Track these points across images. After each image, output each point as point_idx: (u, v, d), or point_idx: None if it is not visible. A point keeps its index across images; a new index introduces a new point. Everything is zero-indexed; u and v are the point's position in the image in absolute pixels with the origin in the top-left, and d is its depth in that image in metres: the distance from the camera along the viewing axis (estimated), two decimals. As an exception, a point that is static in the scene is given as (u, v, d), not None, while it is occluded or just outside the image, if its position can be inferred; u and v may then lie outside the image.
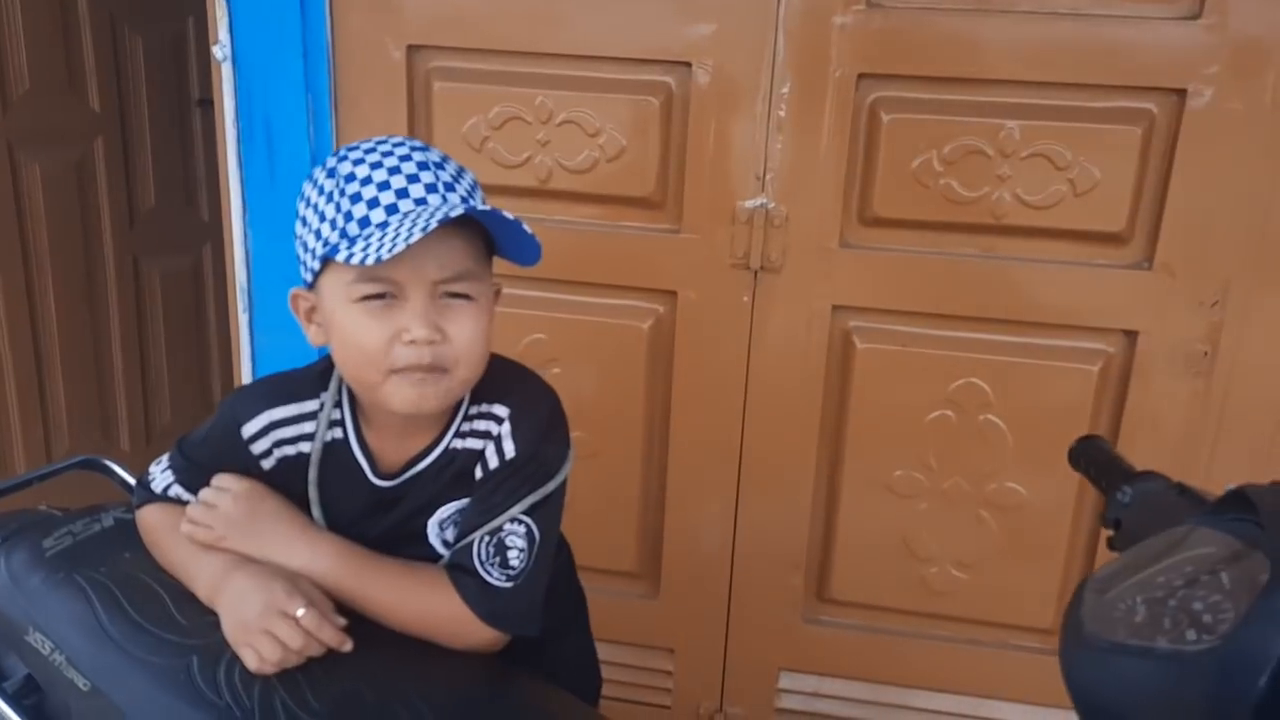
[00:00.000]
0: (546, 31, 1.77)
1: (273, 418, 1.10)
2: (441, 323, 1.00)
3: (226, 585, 1.04)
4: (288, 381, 1.13)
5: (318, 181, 1.04)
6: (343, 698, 0.97)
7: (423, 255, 0.97)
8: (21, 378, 2.66)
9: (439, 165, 1.03)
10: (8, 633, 1.14)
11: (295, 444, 1.11)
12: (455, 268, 1.00)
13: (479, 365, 1.05)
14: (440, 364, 1.01)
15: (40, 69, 2.60)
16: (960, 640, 1.96)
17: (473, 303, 1.03)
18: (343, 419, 1.11)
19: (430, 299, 1.00)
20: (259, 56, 1.86)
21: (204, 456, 1.15)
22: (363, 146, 1.03)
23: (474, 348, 1.03)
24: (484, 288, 1.05)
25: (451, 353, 1.01)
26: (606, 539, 2.01)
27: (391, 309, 1.00)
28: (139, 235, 2.97)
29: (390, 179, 1.00)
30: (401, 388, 1.01)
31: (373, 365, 1.01)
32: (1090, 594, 0.69)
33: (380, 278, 0.98)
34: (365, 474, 1.11)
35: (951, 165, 1.71)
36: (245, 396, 1.13)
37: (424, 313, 0.99)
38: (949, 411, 1.84)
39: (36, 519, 1.27)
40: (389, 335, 1.00)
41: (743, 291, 1.82)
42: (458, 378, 1.03)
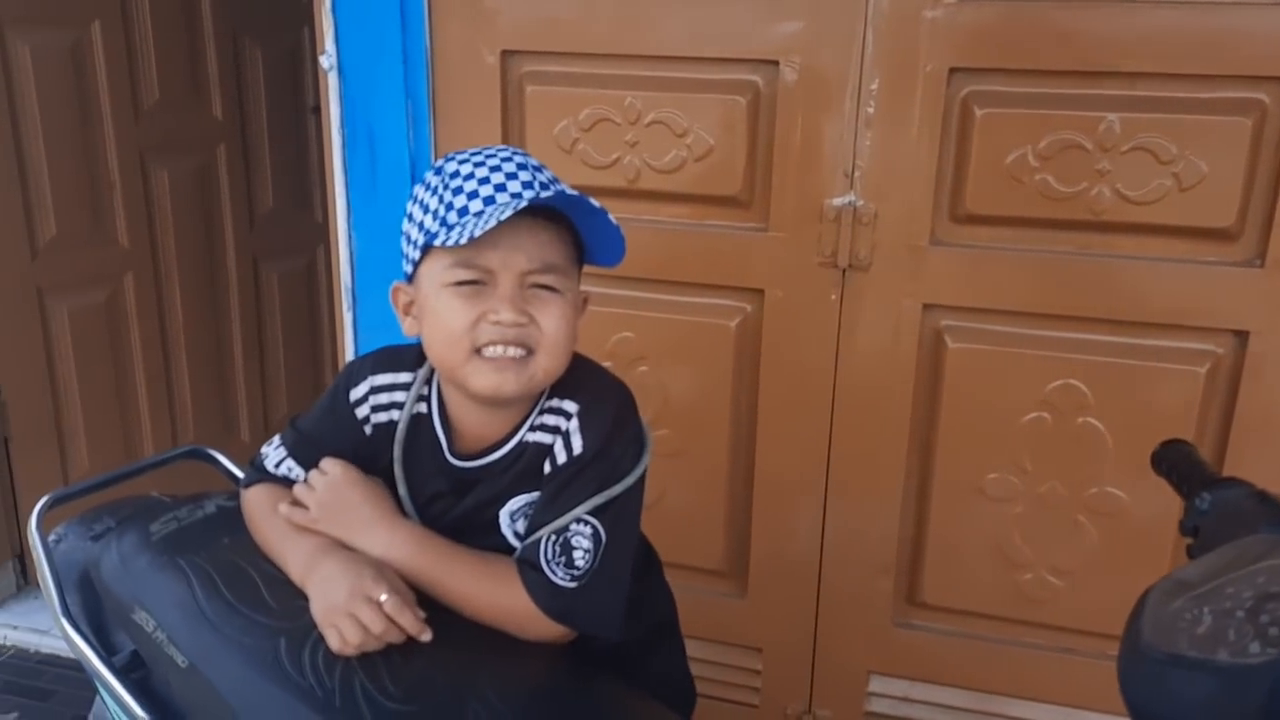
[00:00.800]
0: (635, 33, 1.79)
1: (374, 383, 1.18)
2: (529, 309, 1.05)
3: (317, 568, 1.09)
4: (394, 352, 1.20)
5: (427, 181, 1.10)
6: (418, 684, 1.01)
7: (513, 246, 1.03)
8: (150, 372, 2.82)
9: (538, 168, 1.08)
10: (117, 611, 1.21)
11: (388, 411, 1.17)
12: (545, 260, 1.05)
13: (561, 357, 1.08)
14: (526, 343, 1.05)
15: (168, 80, 2.75)
16: (1055, 649, 1.90)
17: (560, 296, 1.07)
18: (429, 395, 1.16)
19: (519, 287, 1.05)
20: (363, 65, 1.93)
21: (315, 427, 1.21)
22: (470, 151, 1.09)
23: (558, 335, 1.07)
24: (571, 286, 1.09)
25: (537, 335, 1.05)
26: (693, 537, 2.02)
27: (481, 294, 1.05)
28: (258, 237, 3.11)
29: (491, 175, 1.05)
30: (483, 370, 1.06)
31: (458, 345, 1.06)
32: (1153, 603, 0.68)
33: (473, 265, 1.04)
34: (443, 451, 1.15)
35: (1048, 160, 1.67)
36: (356, 362, 1.21)
37: (511, 298, 1.04)
38: (1045, 414, 1.79)
39: (147, 505, 1.35)
40: (476, 316, 1.05)
41: (830, 290, 1.81)
42: (540, 364, 1.07)
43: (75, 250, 2.60)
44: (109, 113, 2.61)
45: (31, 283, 2.52)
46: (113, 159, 2.64)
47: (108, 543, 1.25)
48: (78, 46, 2.53)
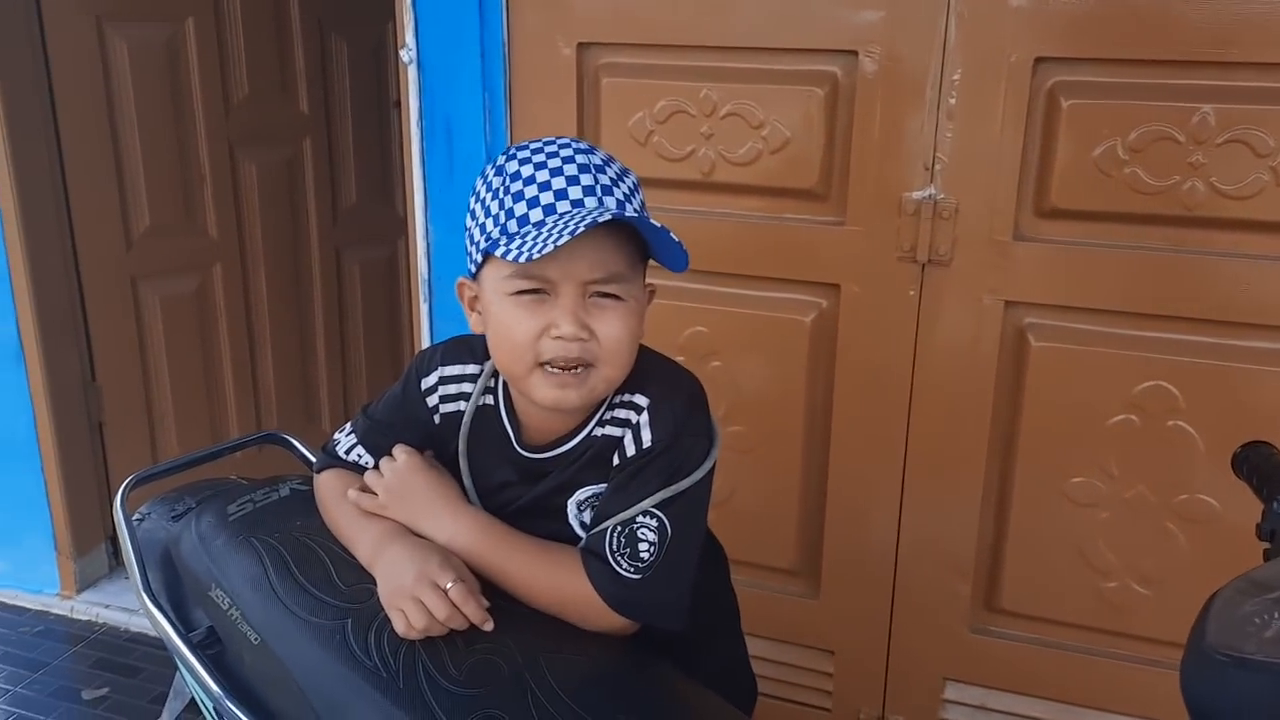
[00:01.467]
0: (712, 24, 1.78)
1: (444, 373, 1.18)
2: (590, 321, 1.03)
3: (385, 552, 1.11)
4: (464, 343, 1.20)
5: (487, 178, 1.09)
6: (479, 669, 1.01)
7: (575, 255, 1.01)
8: (236, 359, 2.91)
9: (600, 168, 1.05)
10: (195, 588, 1.25)
11: (456, 401, 1.18)
12: (606, 270, 1.03)
13: (624, 366, 1.07)
14: (586, 359, 1.04)
15: (257, 75, 2.83)
16: (1141, 660, 1.83)
17: (622, 304, 1.05)
18: (495, 387, 1.17)
19: (580, 298, 1.03)
20: (441, 59, 1.96)
21: (386, 415, 1.22)
22: (531, 146, 1.07)
23: (620, 347, 1.05)
24: (634, 290, 1.07)
25: (597, 350, 1.04)
26: (765, 535, 2.00)
27: (543, 304, 1.04)
28: (341, 229, 3.18)
29: (551, 180, 1.03)
30: (545, 383, 1.05)
31: (521, 357, 1.05)
32: (1222, 604, 0.65)
33: (534, 275, 1.02)
34: (511, 442, 1.16)
35: (1138, 153, 1.61)
36: (424, 354, 1.22)
37: (573, 310, 1.03)
38: (1133, 416, 1.72)
39: (225, 487, 1.39)
40: (539, 329, 1.03)
41: (909, 285, 1.77)
42: (602, 376, 1.06)
43: (167, 240, 2.69)
44: (200, 107, 2.69)
45: (126, 272, 2.61)
46: (204, 152, 2.72)
47: (187, 522, 1.29)
48: (172, 42, 2.61)
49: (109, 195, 2.54)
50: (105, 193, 2.53)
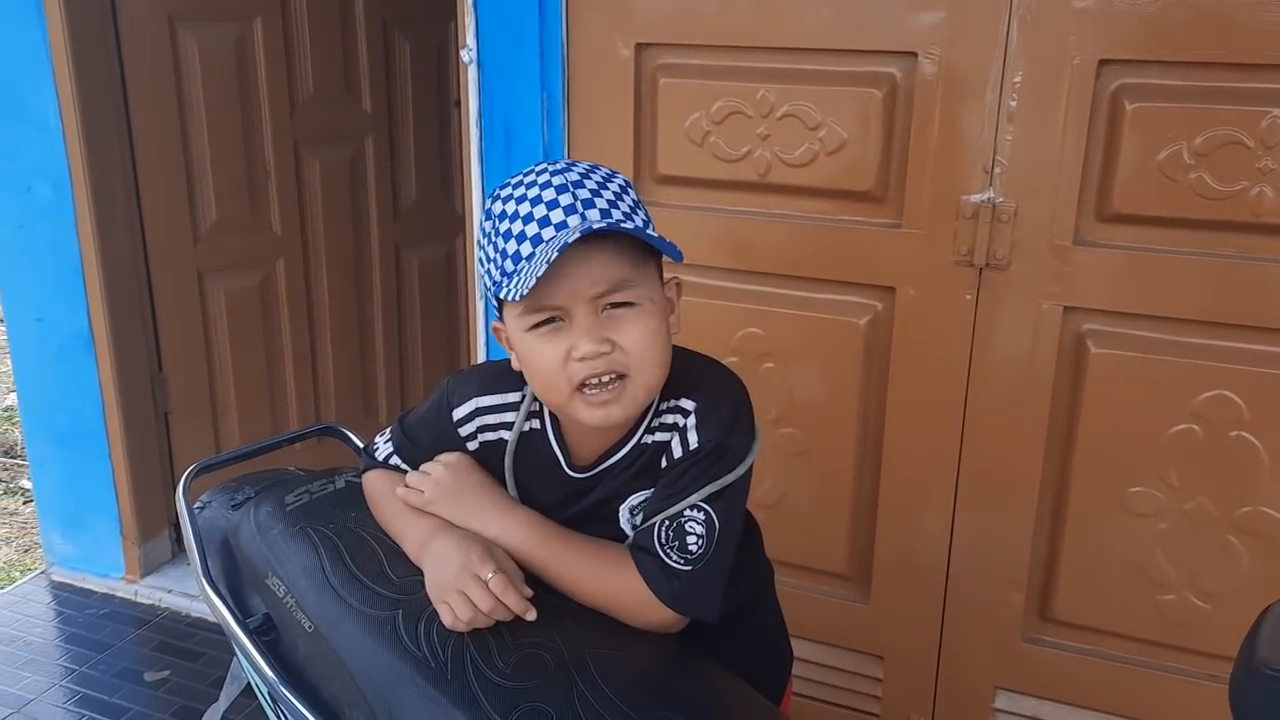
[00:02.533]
0: (770, 25, 1.78)
1: (479, 404, 1.19)
2: (609, 334, 1.03)
3: (431, 546, 1.13)
4: (498, 371, 1.19)
5: (483, 225, 1.10)
6: (526, 663, 1.02)
7: (576, 274, 1.01)
8: (297, 352, 2.96)
9: (577, 184, 1.05)
10: (252, 575, 1.28)
11: (496, 431, 1.19)
12: (610, 280, 1.03)
13: (658, 368, 1.07)
14: (616, 370, 1.04)
15: (322, 75, 2.88)
16: (1200, 676, 1.79)
17: (637, 308, 1.05)
18: (540, 411, 1.17)
19: (594, 314, 1.03)
20: (501, 59, 1.98)
21: (419, 434, 1.25)
22: (512, 181, 1.08)
23: (647, 352, 1.05)
24: (648, 291, 1.06)
25: (624, 358, 1.04)
26: (816, 538, 1.99)
27: (561, 331, 1.04)
28: (401, 226, 3.23)
29: (533, 210, 1.04)
30: (587, 406, 1.06)
31: (556, 387, 1.06)
32: (1272, 621, 0.64)
33: (542, 306, 1.03)
34: (561, 465, 1.17)
35: (1204, 157, 1.57)
36: (459, 381, 1.22)
37: (588, 329, 1.03)
38: (1195, 426, 1.69)
39: (283, 477, 1.42)
40: (562, 355, 1.04)
41: (965, 289, 1.75)
42: (638, 383, 1.06)
43: (233, 236, 2.75)
44: (267, 105, 2.75)
45: (193, 266, 2.68)
46: (269, 149, 2.78)
47: (246, 511, 1.32)
48: (241, 42, 2.67)
49: (178, 191, 2.61)
50: (175, 189, 2.60)
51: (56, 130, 2.39)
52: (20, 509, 3.38)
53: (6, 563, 3.04)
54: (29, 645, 2.49)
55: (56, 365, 2.60)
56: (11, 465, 3.67)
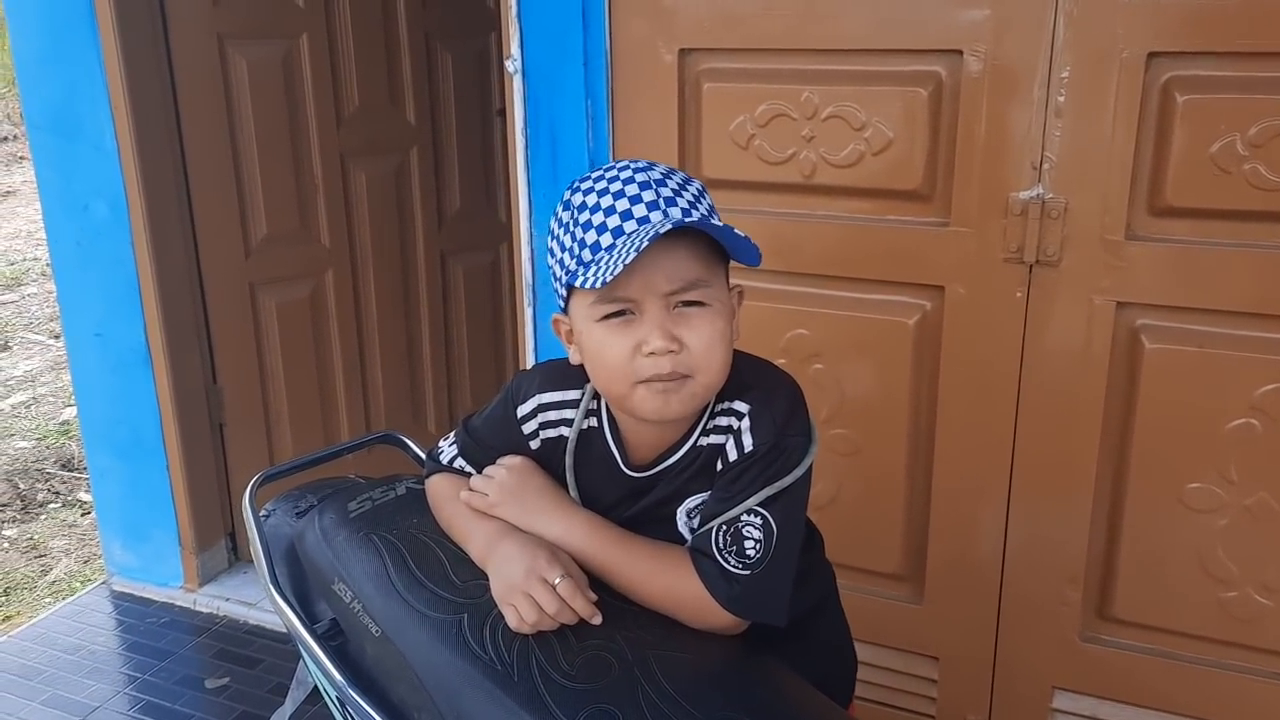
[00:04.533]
0: (814, 27, 1.78)
1: (542, 401, 1.21)
2: (678, 332, 1.05)
3: (496, 549, 1.14)
4: (560, 369, 1.21)
5: (559, 215, 1.12)
6: (591, 665, 1.04)
7: (652, 269, 1.03)
8: (347, 362, 3.01)
9: (660, 182, 1.07)
10: (318, 582, 1.30)
11: (557, 428, 1.21)
12: (684, 278, 1.05)
13: (720, 370, 1.08)
14: (680, 371, 1.06)
15: (367, 88, 2.92)
16: (1264, 674, 1.77)
17: (707, 309, 1.07)
18: (599, 410, 1.19)
19: (665, 310, 1.05)
20: (545, 67, 2.00)
21: (483, 434, 1.27)
22: (593, 176, 1.10)
23: (712, 353, 1.07)
24: (718, 293, 1.08)
25: (690, 360, 1.06)
26: (869, 539, 1.99)
27: (631, 324, 1.06)
28: (446, 235, 3.26)
29: (615, 204, 1.06)
30: (647, 398, 1.07)
31: (619, 378, 1.08)
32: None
33: (616, 297, 1.05)
34: (618, 463, 1.18)
35: (1258, 148, 1.55)
36: (523, 380, 1.24)
37: (660, 324, 1.05)
38: (1254, 420, 1.67)
39: (345, 485, 1.45)
40: (631, 348, 1.06)
41: (1016, 287, 1.74)
42: (700, 383, 1.07)
43: (283, 248, 2.80)
44: (314, 119, 2.79)
45: (245, 279, 2.73)
46: (317, 163, 2.82)
47: (310, 519, 1.34)
48: (288, 58, 2.72)
49: (229, 206, 2.66)
50: (226, 203, 2.65)
51: (112, 150, 2.45)
52: (79, 521, 3.45)
53: (68, 574, 3.11)
54: (92, 654, 2.54)
55: (115, 379, 2.66)
56: (69, 478, 3.75)
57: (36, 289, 6.00)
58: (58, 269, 2.67)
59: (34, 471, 3.81)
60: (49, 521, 3.47)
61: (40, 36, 2.47)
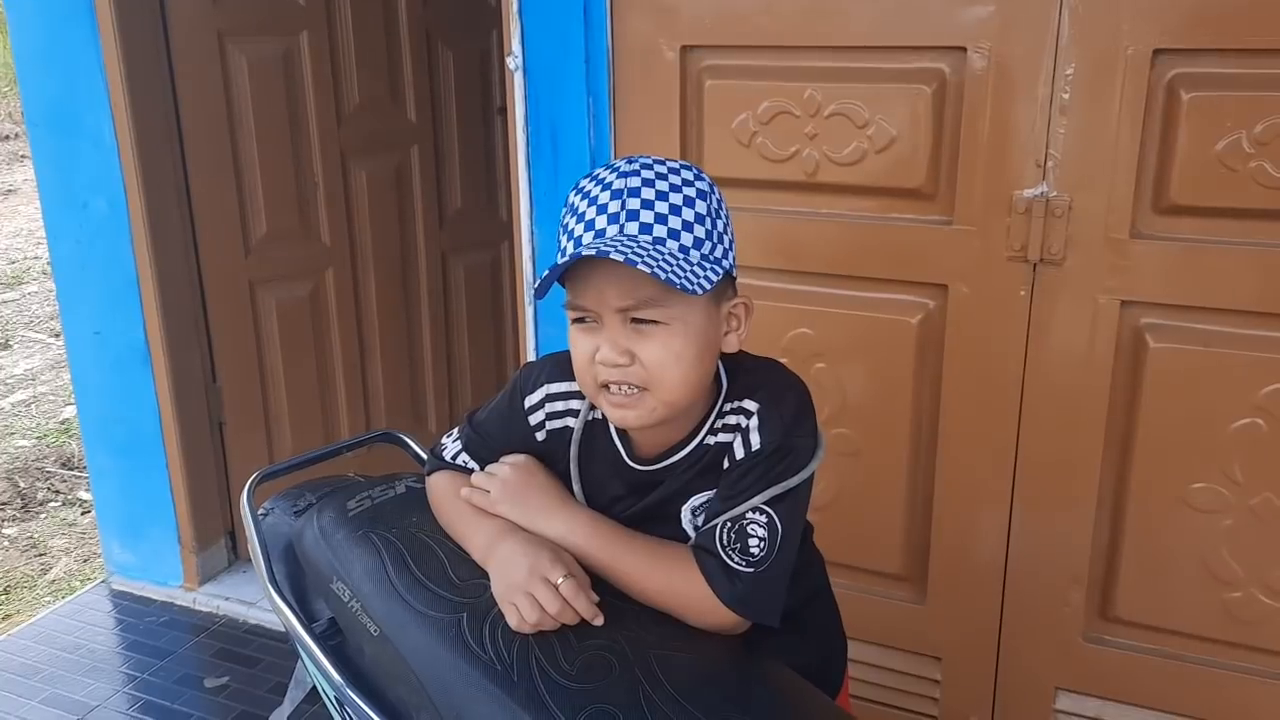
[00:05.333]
0: (817, 24, 1.77)
1: (549, 391, 1.20)
2: (632, 346, 1.04)
3: (498, 548, 1.13)
4: (567, 360, 1.19)
5: (568, 197, 1.11)
6: (592, 664, 1.03)
7: (605, 282, 1.02)
8: (347, 360, 3.00)
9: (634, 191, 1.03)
10: (317, 581, 1.29)
11: (563, 419, 1.20)
12: (636, 295, 1.03)
13: (678, 388, 1.06)
14: (633, 382, 1.05)
15: (368, 86, 2.92)
16: (1268, 675, 1.76)
17: (664, 327, 1.04)
18: None
19: (622, 324, 1.04)
20: (547, 65, 1.99)
21: (488, 428, 1.26)
22: (611, 164, 1.08)
23: (665, 371, 1.05)
24: (681, 311, 1.05)
25: (642, 374, 1.04)
26: (871, 539, 1.98)
27: (594, 329, 1.06)
28: (447, 233, 3.25)
29: (597, 199, 1.04)
30: (609, 404, 1.08)
31: (586, 379, 1.09)
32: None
33: (576, 303, 1.06)
34: (622, 457, 1.17)
35: (1264, 146, 1.54)
36: (532, 369, 1.24)
37: (613, 337, 1.04)
38: (1259, 420, 1.66)
39: (343, 483, 1.44)
40: (592, 352, 1.06)
41: (1019, 285, 1.74)
42: (658, 399, 1.06)
43: (283, 247, 2.79)
44: (314, 117, 2.78)
45: (245, 277, 2.72)
46: (317, 161, 2.82)
47: (309, 517, 1.33)
48: (288, 56, 2.71)
49: (229, 204, 2.65)
50: (226, 201, 2.64)
51: (111, 147, 2.44)
52: (79, 520, 3.45)
53: (67, 572, 3.11)
54: (91, 653, 2.54)
55: (114, 377, 2.65)
56: (69, 477, 3.75)
57: (37, 287, 5.99)
58: (57, 267, 2.66)
59: (34, 470, 3.80)
60: (48, 520, 3.46)
61: (40, 34, 2.47)
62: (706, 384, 1.10)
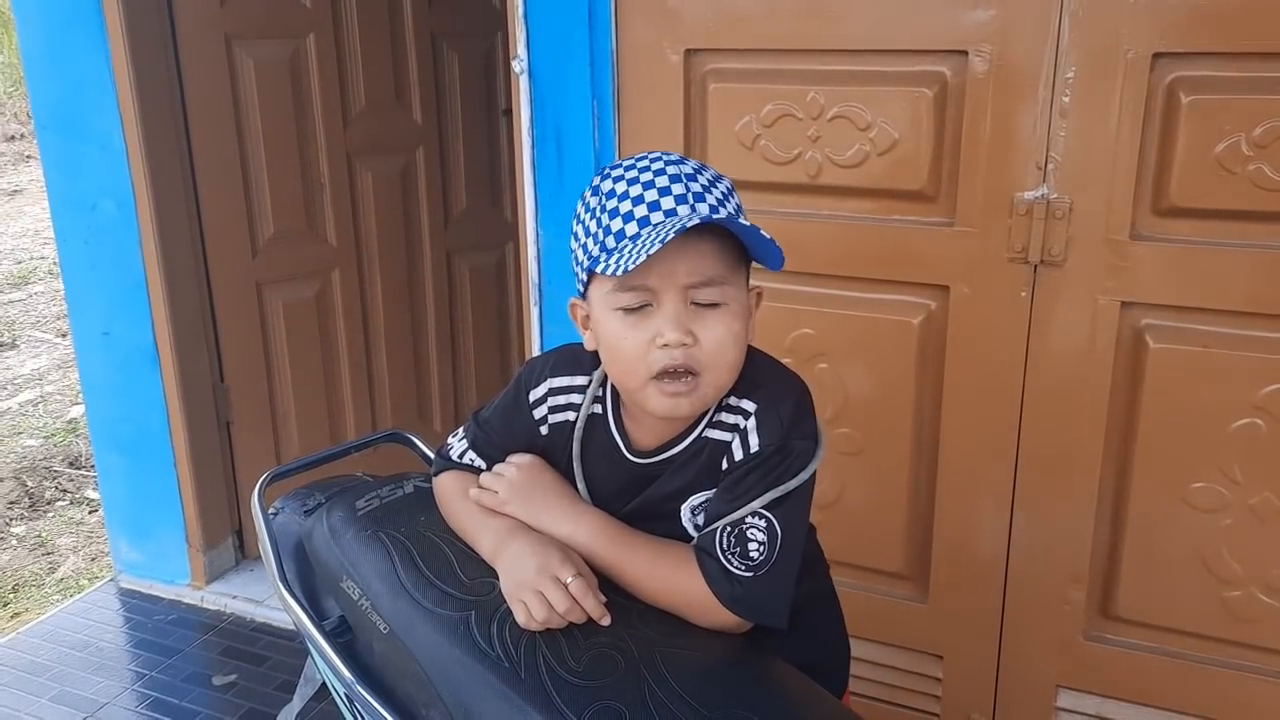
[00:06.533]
0: (820, 27, 1.79)
1: (552, 385, 1.22)
2: (693, 327, 1.06)
3: (507, 546, 1.15)
4: (572, 354, 1.23)
5: (586, 200, 1.13)
6: (598, 662, 1.04)
7: (673, 261, 1.04)
8: (353, 361, 3.02)
9: (691, 177, 1.08)
10: (327, 579, 1.31)
11: (564, 412, 1.22)
12: (704, 273, 1.05)
13: (730, 370, 1.09)
14: (691, 366, 1.06)
15: (374, 87, 2.93)
16: (1267, 673, 1.77)
17: (724, 309, 1.07)
18: (604, 397, 1.20)
19: (682, 304, 1.06)
20: (551, 67, 2.01)
21: (494, 424, 1.28)
22: (624, 164, 1.11)
23: (723, 353, 1.07)
24: (736, 293, 1.08)
25: (701, 356, 1.06)
26: (873, 537, 2.00)
27: (647, 316, 1.07)
28: (452, 234, 3.27)
29: (644, 193, 1.06)
30: (659, 397, 1.08)
31: (633, 371, 1.08)
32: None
33: (635, 286, 1.05)
34: (620, 449, 1.19)
35: (1263, 149, 1.56)
36: (536, 364, 1.25)
37: (675, 317, 1.05)
38: (1258, 420, 1.67)
39: (352, 483, 1.46)
40: (647, 340, 1.06)
41: (1020, 286, 1.75)
42: (709, 382, 1.08)
43: (290, 248, 2.81)
44: (321, 119, 2.80)
45: (252, 278, 2.74)
46: (324, 162, 2.84)
47: (319, 517, 1.35)
48: (295, 58, 2.73)
49: (237, 205, 2.67)
50: (233, 203, 2.66)
51: (120, 149, 2.46)
52: (87, 519, 3.47)
53: (75, 571, 3.13)
54: (100, 651, 2.56)
55: (123, 377, 2.67)
56: (77, 476, 3.77)
57: (44, 287, 6.02)
58: (65, 268, 2.68)
59: (42, 469, 3.82)
60: (56, 519, 3.49)
61: (48, 36, 2.49)
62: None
